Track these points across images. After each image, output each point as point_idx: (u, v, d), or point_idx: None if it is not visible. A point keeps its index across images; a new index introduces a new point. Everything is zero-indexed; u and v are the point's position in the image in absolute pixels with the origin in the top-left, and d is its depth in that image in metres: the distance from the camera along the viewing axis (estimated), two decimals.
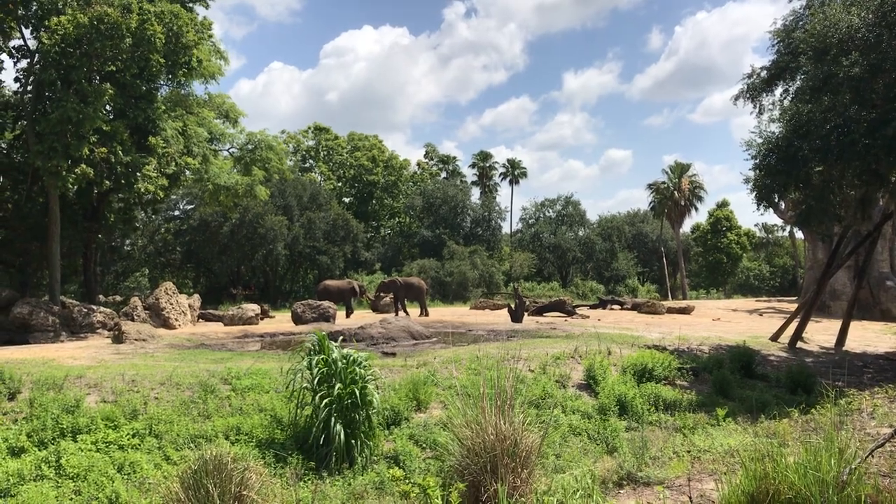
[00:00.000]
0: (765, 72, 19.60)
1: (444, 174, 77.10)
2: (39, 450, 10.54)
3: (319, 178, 67.09)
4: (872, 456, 5.37)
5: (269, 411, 12.09)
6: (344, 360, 11.09)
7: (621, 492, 6.33)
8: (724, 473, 4.70)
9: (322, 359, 11.04)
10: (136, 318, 25.17)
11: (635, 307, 38.88)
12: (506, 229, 74.78)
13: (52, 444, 10.67)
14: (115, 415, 11.54)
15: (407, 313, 31.97)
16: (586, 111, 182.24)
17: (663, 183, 65.18)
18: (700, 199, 64.93)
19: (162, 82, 28.49)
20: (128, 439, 10.93)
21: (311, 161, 70.08)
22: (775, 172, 16.39)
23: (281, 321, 30.43)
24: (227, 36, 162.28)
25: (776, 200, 18.30)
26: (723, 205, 70.45)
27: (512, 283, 60.99)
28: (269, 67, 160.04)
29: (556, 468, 8.03)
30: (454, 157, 79.07)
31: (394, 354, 17.28)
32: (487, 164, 75.61)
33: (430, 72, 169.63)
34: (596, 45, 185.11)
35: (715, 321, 32.45)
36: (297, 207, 55.09)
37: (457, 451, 5.34)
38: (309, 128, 70.60)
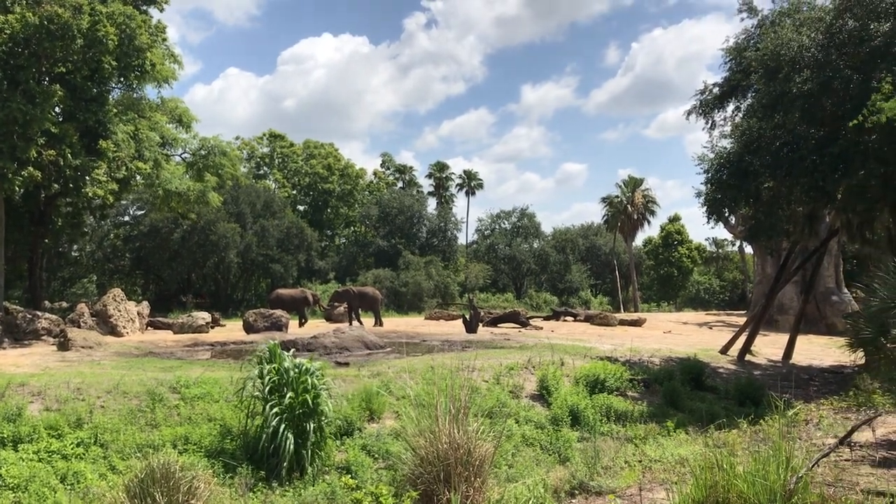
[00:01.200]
0: (717, 88, 20.04)
1: (400, 184, 77.03)
2: None
3: (274, 185, 66.47)
4: (818, 465, 5.48)
5: (219, 420, 11.87)
6: (296, 370, 10.97)
7: (573, 501, 6.35)
8: (675, 483, 4.75)
9: (274, 368, 10.91)
10: (82, 324, 24.57)
11: (588, 319, 39.23)
12: (462, 240, 75.02)
13: None
14: (58, 423, 11.21)
15: (361, 323, 31.79)
16: (543, 125, 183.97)
17: (616, 197, 66.09)
18: (653, 213, 66.04)
19: (114, 85, 27.98)
20: (72, 448, 10.63)
21: (265, 168, 69.41)
22: (726, 187, 16.75)
23: (232, 330, 29.99)
24: (183, 40, 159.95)
25: (727, 215, 18.68)
26: (674, 219, 71.68)
27: (467, 293, 61.15)
28: (226, 73, 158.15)
29: (508, 478, 8.03)
30: (411, 167, 79.25)
31: (347, 364, 17.14)
32: (444, 175, 75.74)
33: (390, 81, 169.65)
34: (554, 59, 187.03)
35: (666, 334, 32.91)
36: (250, 215, 54.46)
37: (410, 460, 5.30)
38: (264, 135, 69.94)
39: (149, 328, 30.03)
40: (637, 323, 37.84)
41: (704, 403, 15.28)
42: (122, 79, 26.80)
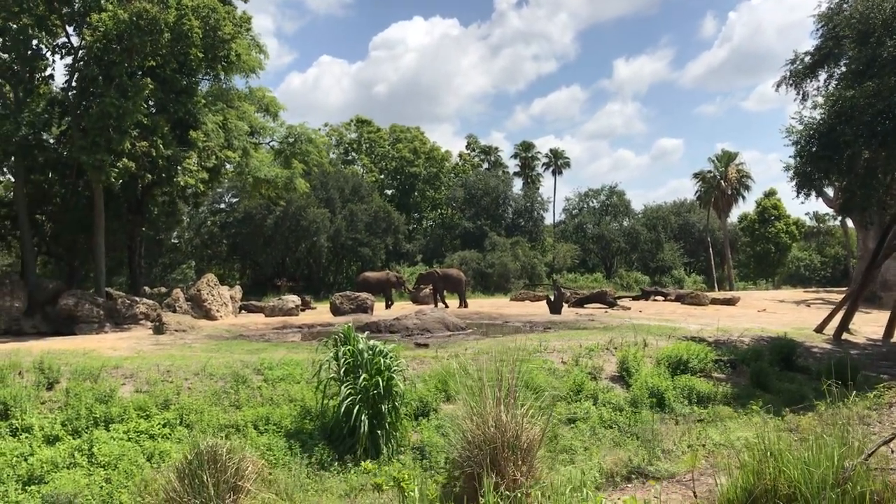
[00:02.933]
0: (808, 57, 19.06)
1: (486, 165, 76.73)
2: (73, 438, 10.77)
3: (361, 170, 67.36)
4: (892, 450, 5.13)
5: (299, 402, 12.16)
6: (370, 352, 11.10)
7: (628, 486, 6.18)
8: (735, 468, 4.52)
9: (348, 350, 11.07)
10: (177, 309, 25.59)
11: (679, 298, 38.23)
12: (549, 220, 74.26)
13: (86, 432, 10.89)
14: (147, 405, 11.73)
15: (445, 305, 31.96)
16: (637, 100, 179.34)
17: (709, 172, 63.94)
18: (747, 188, 63.57)
19: (203, 76, 28.84)
20: (158, 429, 11.11)
21: (353, 154, 70.40)
22: (817, 159, 15.92)
23: (322, 312, 30.64)
24: (279, 30, 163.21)
25: (821, 187, 17.78)
26: (770, 193, 68.83)
27: (553, 274, 60.62)
28: (319, 61, 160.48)
29: (572, 461, 7.93)
30: (496, 148, 78.71)
31: (426, 346, 17.24)
32: (530, 155, 75.04)
33: (480, 62, 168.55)
34: (648, 31, 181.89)
35: (760, 312, 31.73)
36: (339, 200, 55.40)
37: (458, 443, 5.26)
38: (351, 120, 70.93)
39: (242, 311, 31.04)
40: (730, 302, 36.65)
41: (794, 384, 14.66)
42: (209, 70, 27.61)
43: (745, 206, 70.32)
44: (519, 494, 4.04)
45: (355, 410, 10.29)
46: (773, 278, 69.44)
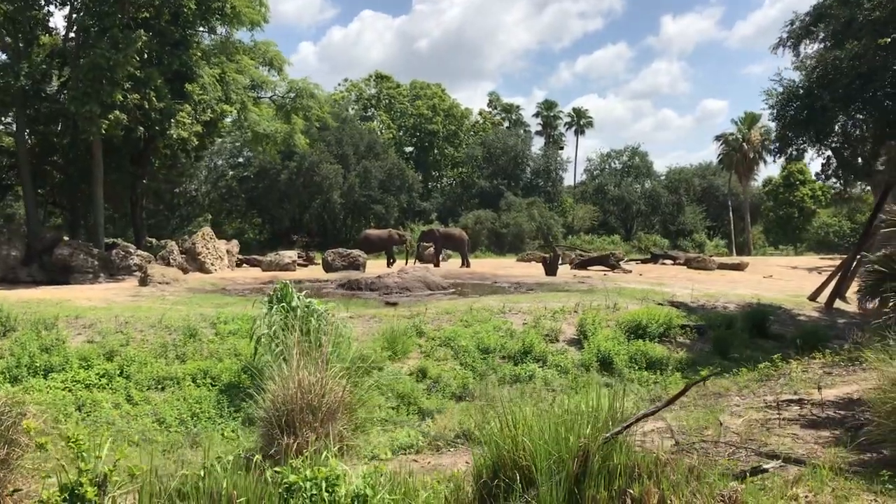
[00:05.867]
0: (808, 17, 18.39)
1: (506, 124, 75.79)
2: (12, 385, 10.94)
3: (379, 126, 66.97)
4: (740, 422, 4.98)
5: (244, 357, 12.22)
6: (306, 309, 11.07)
7: (450, 451, 6.06)
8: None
9: (282, 307, 11.05)
10: (171, 262, 25.84)
11: (687, 263, 37.68)
12: (571, 181, 73.42)
13: (25, 380, 11.07)
14: (90, 355, 11.87)
15: (438, 264, 31.95)
16: (684, 59, 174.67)
17: (731, 135, 62.44)
18: (771, 151, 62.06)
19: (202, 29, 28.69)
20: (96, 379, 11.24)
21: (372, 109, 69.96)
22: (794, 123, 15.43)
23: (321, 268, 30.75)
24: None
25: (803, 151, 17.24)
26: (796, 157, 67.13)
27: (570, 235, 60.08)
28: (361, 16, 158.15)
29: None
30: (518, 106, 77.54)
31: (395, 304, 17.22)
32: (552, 114, 74.00)
33: (524, 18, 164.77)
34: None
35: (766, 278, 31.15)
36: (353, 156, 55.23)
37: (265, 403, 5.21)
38: (371, 76, 70.34)
39: (244, 265, 31.33)
40: (738, 267, 36.07)
41: (757, 352, 14.38)
42: (203, 22, 27.40)
43: (771, 170, 68.73)
44: (308, 455, 3.97)
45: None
46: (798, 244, 68.07)
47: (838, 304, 21.36)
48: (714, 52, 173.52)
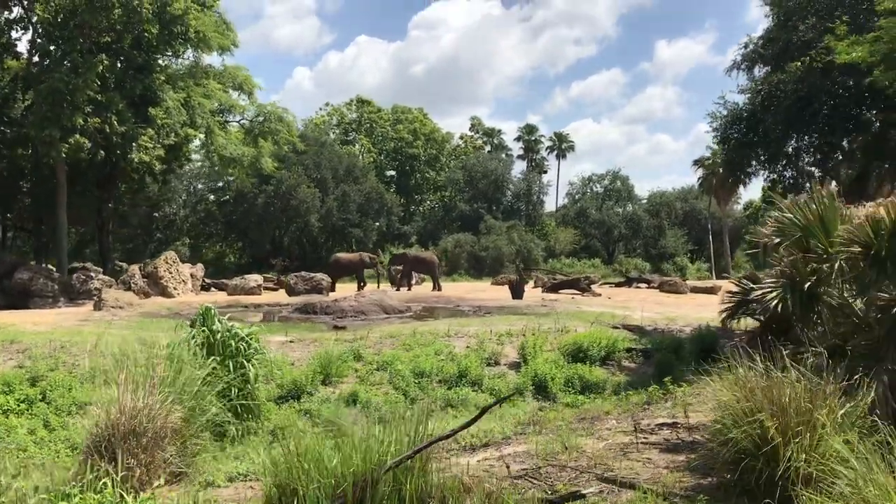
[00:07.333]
0: (760, 40, 18.52)
1: (488, 148, 76.06)
2: None
3: (360, 150, 67.07)
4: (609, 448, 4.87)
5: None
6: (227, 333, 10.96)
7: None
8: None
9: (202, 331, 10.92)
10: (132, 286, 25.64)
11: (660, 286, 37.80)
12: (552, 205, 73.56)
13: None
14: (14, 380, 11.68)
15: (409, 287, 31.88)
16: (678, 84, 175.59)
17: (708, 159, 62.70)
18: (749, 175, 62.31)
19: (168, 54, 28.73)
20: (15, 404, 11.06)
21: (353, 133, 70.13)
22: (739, 146, 15.50)
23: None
24: (321, 9, 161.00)
25: (750, 174, 17.27)
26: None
27: (551, 259, 59.98)
28: (357, 41, 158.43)
29: None
30: (499, 130, 78.01)
31: (344, 328, 17.10)
32: (533, 138, 74.39)
33: (519, 44, 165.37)
34: (692, 14, 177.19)
35: None
36: (332, 180, 55.21)
37: (92, 429, 5.10)
38: (351, 101, 70.60)
39: (211, 289, 31.13)
40: (712, 290, 36.07)
41: (703, 374, 14.29)
42: (167, 47, 27.41)
43: (753, 193, 68.90)
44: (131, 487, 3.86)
45: None
46: None
47: None
48: (708, 77, 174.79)
